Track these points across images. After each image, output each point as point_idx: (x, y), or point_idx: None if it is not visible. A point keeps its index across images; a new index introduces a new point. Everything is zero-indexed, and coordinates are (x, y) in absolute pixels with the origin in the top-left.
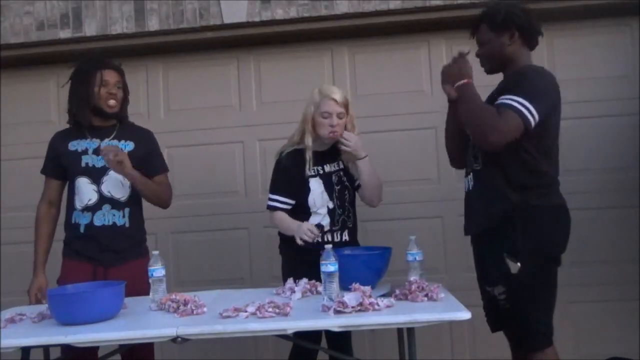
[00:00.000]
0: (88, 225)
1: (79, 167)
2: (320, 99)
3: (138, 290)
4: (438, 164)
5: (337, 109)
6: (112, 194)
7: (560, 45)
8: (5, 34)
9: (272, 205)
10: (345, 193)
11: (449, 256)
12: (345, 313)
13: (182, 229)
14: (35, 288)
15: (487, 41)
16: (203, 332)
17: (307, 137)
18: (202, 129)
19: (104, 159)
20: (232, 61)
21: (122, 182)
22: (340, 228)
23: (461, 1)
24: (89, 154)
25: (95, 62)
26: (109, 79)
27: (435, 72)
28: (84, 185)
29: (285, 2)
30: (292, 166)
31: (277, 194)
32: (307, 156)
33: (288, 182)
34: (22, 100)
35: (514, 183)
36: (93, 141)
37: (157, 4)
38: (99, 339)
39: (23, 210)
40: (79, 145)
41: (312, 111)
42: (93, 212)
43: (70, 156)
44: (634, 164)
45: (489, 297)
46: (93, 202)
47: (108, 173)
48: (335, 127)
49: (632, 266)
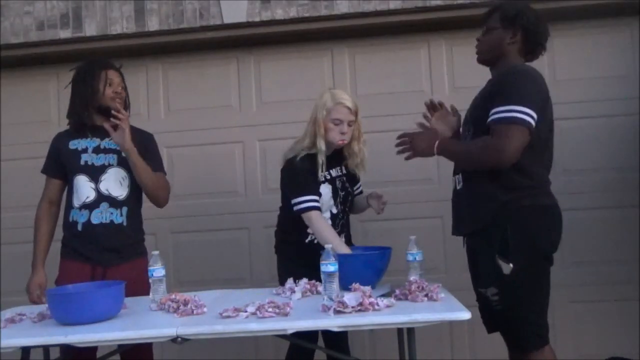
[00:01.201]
0: (85, 223)
1: (77, 164)
2: (333, 105)
3: (137, 290)
4: (438, 164)
5: (349, 116)
6: (110, 192)
7: (560, 45)
8: (5, 34)
9: (309, 206)
10: (347, 199)
11: (449, 256)
12: (345, 313)
13: (182, 229)
14: (35, 284)
15: (492, 30)
16: (203, 332)
17: (320, 141)
18: (202, 129)
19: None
20: (232, 61)
21: (120, 180)
22: (340, 232)
23: (461, 1)
24: (89, 152)
25: (99, 62)
26: (114, 78)
27: (435, 72)
28: (82, 182)
29: (285, 2)
30: (311, 169)
31: (308, 194)
32: (320, 160)
33: (313, 182)
34: (22, 100)
35: (504, 184)
36: (93, 140)
37: (157, 4)
38: (98, 339)
39: (23, 210)
40: (80, 144)
41: (323, 115)
42: (90, 210)
43: (70, 154)
44: (634, 164)
45: (482, 299)
46: (91, 199)
47: (107, 171)
48: (345, 135)
49: (632, 266)
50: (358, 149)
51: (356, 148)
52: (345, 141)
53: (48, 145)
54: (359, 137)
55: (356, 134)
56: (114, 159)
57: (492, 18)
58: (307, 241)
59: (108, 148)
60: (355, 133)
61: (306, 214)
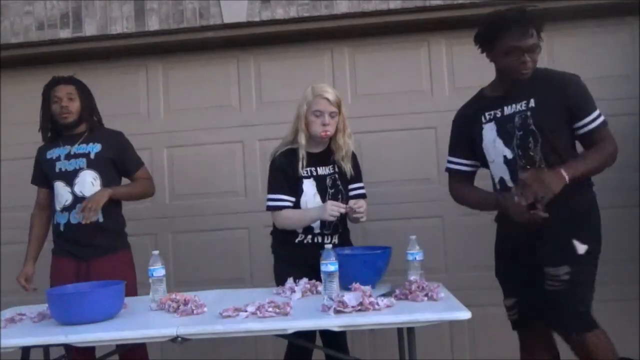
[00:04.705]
0: (66, 224)
1: (54, 172)
2: (313, 97)
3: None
4: (438, 164)
5: (330, 108)
6: (84, 193)
7: (560, 45)
8: (5, 34)
9: (276, 205)
10: (338, 197)
11: (449, 256)
12: (345, 313)
13: (182, 229)
14: (22, 275)
15: (537, 46)
16: (203, 332)
17: (301, 135)
18: (202, 129)
19: (82, 218)
20: (232, 61)
21: (92, 181)
22: (332, 232)
23: (461, 1)
24: (62, 159)
25: (48, 83)
26: (59, 94)
27: (435, 72)
28: (60, 188)
29: (285, 2)
30: (287, 165)
31: (278, 193)
32: (300, 155)
33: (286, 181)
34: (22, 100)
35: (589, 181)
36: (64, 148)
37: (157, 4)
38: (98, 338)
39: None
40: (53, 153)
41: (305, 110)
42: (69, 212)
43: (47, 164)
44: (634, 164)
45: (537, 282)
46: (69, 202)
47: (79, 175)
48: (327, 127)
49: (632, 266)
50: (343, 142)
51: (341, 141)
52: (328, 132)
53: None
54: (344, 129)
55: (341, 127)
56: (83, 162)
57: (532, 36)
58: (297, 241)
59: (78, 153)
60: (340, 126)
61: (273, 213)
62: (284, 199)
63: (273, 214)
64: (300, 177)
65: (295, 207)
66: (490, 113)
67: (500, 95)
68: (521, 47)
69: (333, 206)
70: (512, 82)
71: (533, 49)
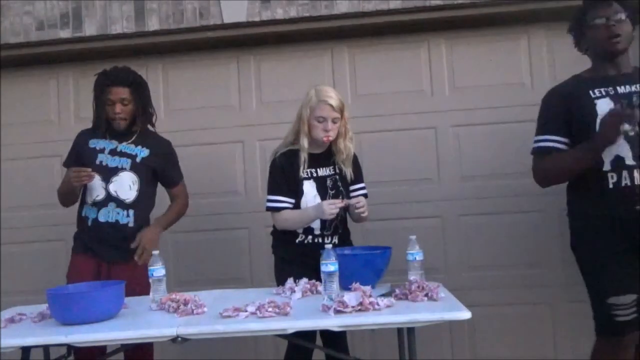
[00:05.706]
0: (94, 219)
1: (93, 164)
2: (317, 102)
3: (140, 290)
4: (438, 164)
5: (333, 114)
6: (118, 194)
7: (561, 44)
8: (5, 34)
9: (275, 206)
10: (339, 198)
11: (449, 256)
12: (345, 313)
13: (182, 229)
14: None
15: (623, 20)
16: (203, 332)
17: (303, 138)
18: (202, 129)
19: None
20: (232, 61)
21: (130, 184)
22: (332, 232)
23: (461, 1)
24: (105, 153)
25: (104, 78)
26: (112, 97)
27: (435, 72)
28: (95, 181)
29: (285, 2)
30: (287, 166)
31: (278, 194)
32: (301, 157)
33: (286, 182)
34: (22, 100)
35: None
36: (112, 142)
37: (157, 4)
38: (99, 338)
39: (23, 210)
40: (98, 143)
41: (307, 113)
42: (99, 208)
43: (88, 152)
44: None
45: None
46: (100, 198)
47: (119, 174)
48: (330, 132)
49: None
50: (344, 146)
51: (342, 145)
52: (330, 137)
53: (48, 145)
54: (345, 134)
55: (342, 131)
56: (127, 163)
57: (617, 9)
58: (297, 242)
59: (124, 152)
60: (342, 130)
61: (272, 214)
62: (283, 200)
63: (272, 215)
64: (300, 179)
65: (295, 208)
66: (601, 90)
67: (612, 75)
68: (607, 16)
69: (329, 205)
70: (616, 63)
71: (619, 19)
